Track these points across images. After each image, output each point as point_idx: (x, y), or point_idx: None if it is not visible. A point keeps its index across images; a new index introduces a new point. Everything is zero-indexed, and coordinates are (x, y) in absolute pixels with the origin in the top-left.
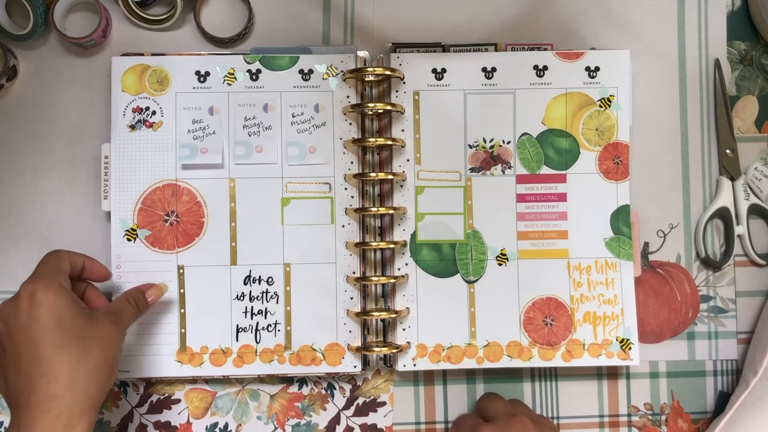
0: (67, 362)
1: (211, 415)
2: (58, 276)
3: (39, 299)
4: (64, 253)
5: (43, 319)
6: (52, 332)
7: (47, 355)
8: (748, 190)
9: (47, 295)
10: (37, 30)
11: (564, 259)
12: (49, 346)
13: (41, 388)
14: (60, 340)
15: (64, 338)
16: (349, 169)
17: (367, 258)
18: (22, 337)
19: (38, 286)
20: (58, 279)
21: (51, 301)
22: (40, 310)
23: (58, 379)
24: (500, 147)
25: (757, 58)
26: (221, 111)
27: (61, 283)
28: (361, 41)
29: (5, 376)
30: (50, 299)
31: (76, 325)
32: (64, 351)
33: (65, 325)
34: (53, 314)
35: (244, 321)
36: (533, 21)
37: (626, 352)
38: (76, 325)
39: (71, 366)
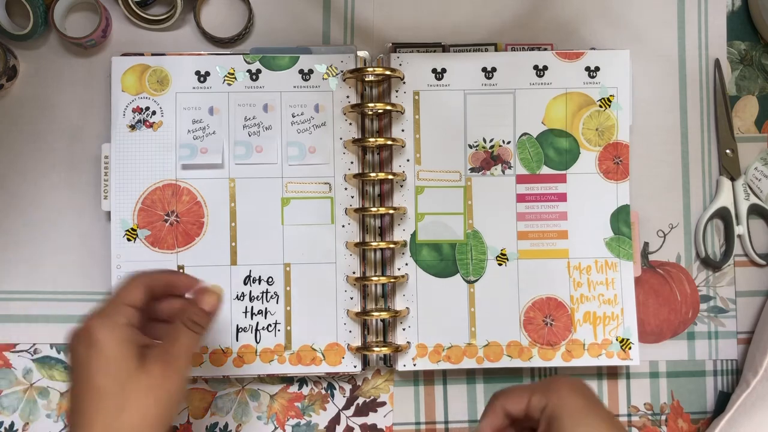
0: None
1: (211, 415)
2: (121, 311)
3: (92, 339)
4: (140, 278)
5: (91, 364)
6: (96, 378)
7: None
8: (748, 190)
9: (99, 337)
10: (37, 30)
11: (564, 259)
12: (90, 393)
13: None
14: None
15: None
16: (349, 169)
17: (367, 258)
18: (75, 376)
19: (95, 324)
20: (118, 316)
21: (102, 344)
22: (90, 351)
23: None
24: (500, 147)
25: (757, 58)
26: (221, 111)
27: (119, 321)
28: (361, 41)
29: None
30: (101, 342)
31: (122, 375)
32: (103, 403)
33: (111, 373)
34: (100, 360)
35: (244, 321)
36: (533, 21)
37: (626, 352)
38: (122, 374)
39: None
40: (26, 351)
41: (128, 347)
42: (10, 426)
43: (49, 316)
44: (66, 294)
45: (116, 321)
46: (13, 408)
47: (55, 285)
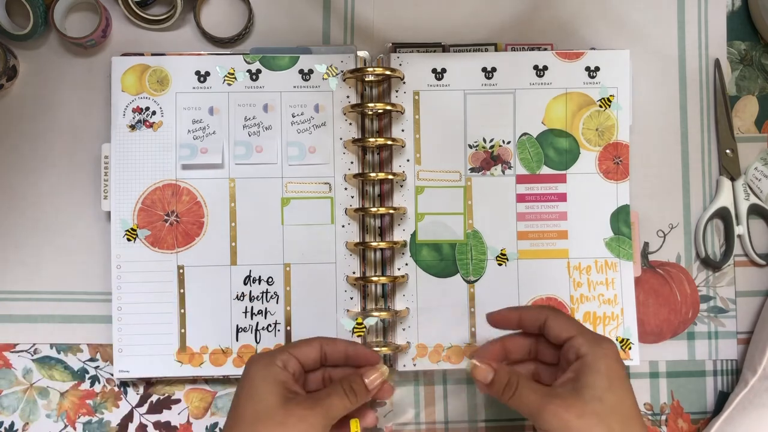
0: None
1: (211, 415)
2: (281, 356)
3: (247, 371)
4: (320, 341)
5: (241, 393)
6: (239, 404)
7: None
8: (748, 190)
9: (251, 370)
10: (37, 30)
11: (564, 259)
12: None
13: None
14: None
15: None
16: (349, 169)
17: (367, 258)
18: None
19: (254, 358)
20: (276, 359)
21: (251, 376)
22: (243, 381)
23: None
24: (500, 147)
25: (757, 58)
26: (221, 111)
27: (274, 362)
28: (361, 41)
29: None
30: (251, 375)
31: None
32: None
33: (252, 403)
34: (248, 390)
35: (244, 321)
36: (533, 21)
37: (626, 352)
38: (261, 406)
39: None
40: (26, 351)
41: (274, 386)
42: (10, 426)
43: (49, 316)
44: (66, 294)
45: (272, 362)
46: (13, 408)
47: (55, 285)
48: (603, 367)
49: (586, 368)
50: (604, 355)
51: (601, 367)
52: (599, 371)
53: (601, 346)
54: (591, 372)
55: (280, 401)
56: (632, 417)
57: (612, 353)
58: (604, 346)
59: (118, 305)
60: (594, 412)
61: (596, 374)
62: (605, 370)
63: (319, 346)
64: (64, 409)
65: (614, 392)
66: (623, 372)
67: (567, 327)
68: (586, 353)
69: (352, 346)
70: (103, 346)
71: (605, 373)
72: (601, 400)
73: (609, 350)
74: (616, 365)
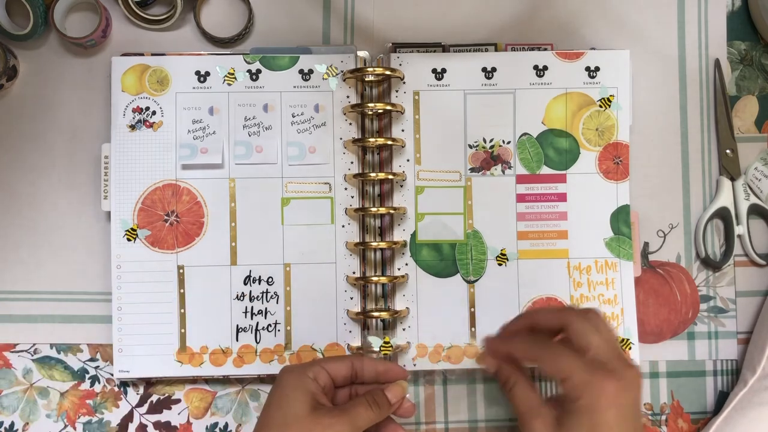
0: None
1: (211, 415)
2: (314, 369)
3: (280, 378)
4: (352, 359)
5: (272, 400)
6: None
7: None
8: (748, 190)
9: (284, 378)
10: (37, 30)
11: (564, 259)
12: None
13: None
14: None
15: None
16: (349, 169)
17: (367, 258)
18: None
19: (288, 367)
20: (308, 370)
21: (283, 384)
22: (276, 388)
23: None
24: (500, 147)
25: (757, 58)
26: (221, 111)
27: (306, 373)
28: (361, 41)
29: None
30: (283, 382)
31: (290, 414)
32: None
33: (281, 409)
34: (279, 396)
35: (244, 321)
36: (533, 21)
37: (626, 352)
38: (290, 413)
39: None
40: (26, 351)
41: (304, 395)
42: (10, 426)
43: (49, 316)
44: (66, 294)
45: (304, 373)
46: (13, 408)
47: (55, 285)
48: (588, 415)
49: (573, 412)
50: (593, 404)
51: (586, 415)
52: (582, 418)
53: (596, 390)
54: (575, 416)
55: (309, 410)
56: None
57: (607, 396)
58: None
59: (118, 305)
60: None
61: (579, 419)
62: (589, 418)
63: (350, 363)
64: (64, 409)
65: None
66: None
67: (559, 369)
68: (577, 398)
69: (383, 364)
70: (103, 346)
71: (589, 421)
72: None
73: (604, 394)
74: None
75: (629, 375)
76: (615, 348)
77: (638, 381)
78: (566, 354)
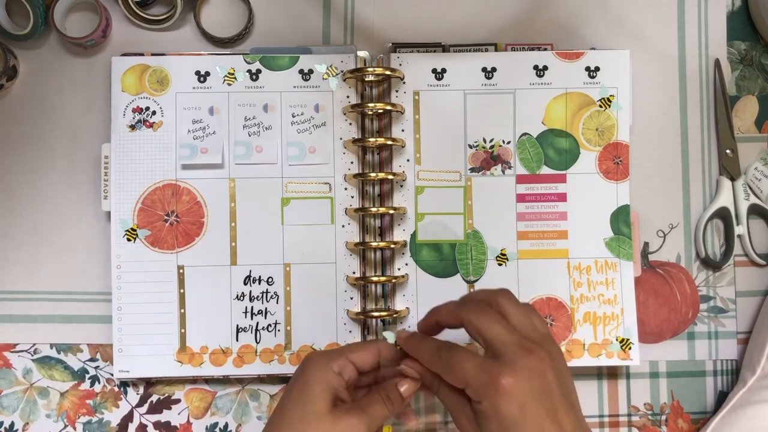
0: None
1: (211, 415)
2: (339, 361)
3: (303, 371)
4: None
5: (293, 392)
6: (289, 403)
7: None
8: (748, 190)
9: (308, 372)
10: (37, 30)
11: (564, 259)
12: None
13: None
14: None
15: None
16: (349, 169)
17: (367, 258)
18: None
19: (312, 359)
20: (334, 363)
21: (306, 378)
22: (297, 380)
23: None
24: (500, 147)
25: (757, 58)
26: (221, 111)
27: (331, 367)
28: (361, 41)
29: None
30: (306, 376)
31: (310, 411)
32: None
33: (302, 405)
34: (300, 390)
35: (244, 321)
36: (533, 21)
37: (626, 352)
38: (311, 410)
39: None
40: (26, 351)
41: (327, 391)
42: (10, 426)
43: (49, 316)
44: (66, 294)
45: (328, 365)
46: (13, 408)
47: (55, 285)
48: (493, 416)
49: (481, 415)
50: (493, 404)
51: (492, 416)
52: (489, 420)
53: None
54: (484, 418)
55: (329, 407)
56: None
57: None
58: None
59: (118, 305)
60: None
61: (488, 421)
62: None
63: (377, 351)
64: (64, 409)
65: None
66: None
67: (458, 379)
68: (479, 402)
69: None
70: (103, 346)
71: (495, 421)
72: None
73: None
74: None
75: (528, 363)
76: (517, 333)
77: (540, 366)
78: (461, 360)
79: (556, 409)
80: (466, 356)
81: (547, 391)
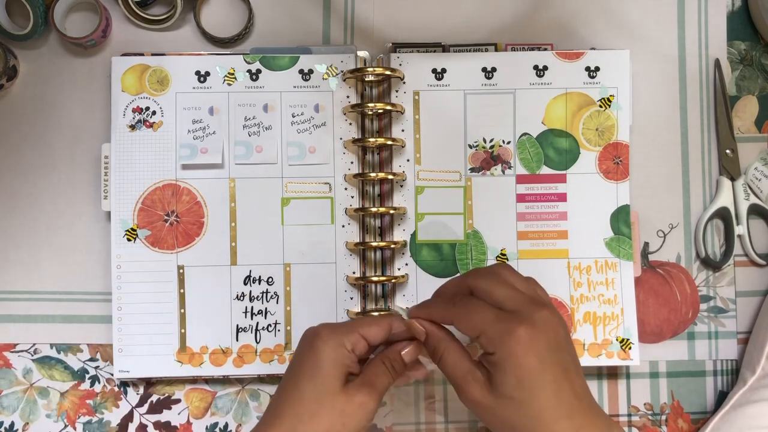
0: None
1: (211, 415)
2: (351, 337)
3: (314, 347)
4: (390, 321)
5: (304, 369)
6: (302, 381)
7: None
8: (748, 190)
9: (321, 348)
10: (37, 30)
11: (564, 259)
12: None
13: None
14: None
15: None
16: (349, 169)
17: (367, 258)
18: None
19: (323, 335)
20: (346, 340)
21: (319, 355)
22: (309, 356)
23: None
24: (500, 147)
25: (757, 58)
26: (221, 111)
27: (344, 344)
28: (361, 41)
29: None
30: (320, 354)
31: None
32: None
33: (316, 383)
34: (313, 368)
35: (244, 321)
36: (533, 21)
37: (626, 352)
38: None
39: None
40: (26, 351)
41: (340, 369)
42: (10, 426)
43: (49, 316)
44: (66, 294)
45: (341, 342)
46: (13, 408)
47: (55, 285)
48: (509, 367)
49: (495, 366)
50: (510, 353)
51: (507, 367)
52: (505, 371)
53: (509, 342)
54: (498, 370)
55: (342, 385)
56: (544, 409)
57: (524, 345)
58: (513, 339)
59: (118, 305)
60: (504, 408)
61: (503, 373)
62: (512, 369)
63: (389, 327)
64: (64, 409)
65: (524, 389)
66: (536, 363)
67: (473, 326)
68: (493, 351)
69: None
70: (103, 346)
71: (512, 372)
72: (512, 398)
73: (520, 344)
74: (527, 359)
75: (541, 317)
76: (526, 294)
77: (552, 320)
78: (478, 309)
79: (569, 367)
80: (482, 305)
81: (560, 347)
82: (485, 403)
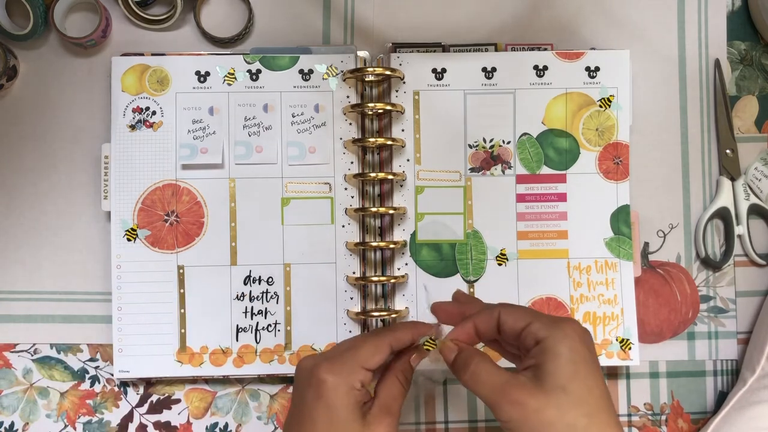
0: None
1: (211, 415)
2: (358, 374)
3: (324, 394)
4: (387, 339)
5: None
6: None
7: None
8: (748, 190)
9: (332, 395)
10: (37, 30)
11: (564, 259)
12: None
13: None
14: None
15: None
16: (349, 169)
17: (367, 258)
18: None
19: (329, 380)
20: (354, 380)
21: (332, 402)
22: (320, 403)
23: None
24: (500, 147)
25: (757, 58)
26: (221, 111)
27: (354, 385)
28: (361, 41)
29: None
30: (333, 401)
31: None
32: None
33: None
34: (329, 415)
35: (244, 321)
36: (533, 21)
37: (626, 352)
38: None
39: None
40: (26, 351)
41: (356, 409)
42: (10, 426)
43: (49, 316)
44: (66, 294)
45: (351, 385)
46: (13, 408)
47: (55, 285)
48: (565, 351)
49: (547, 353)
50: (565, 336)
51: (563, 350)
52: (561, 355)
53: (561, 327)
54: (552, 357)
55: (362, 421)
56: (601, 409)
57: (575, 334)
58: (564, 327)
59: (118, 305)
60: (557, 404)
61: (558, 359)
62: (568, 353)
63: (389, 349)
64: (64, 409)
65: (580, 380)
66: (591, 355)
67: (521, 316)
68: (545, 336)
69: (415, 329)
70: (103, 346)
71: (569, 358)
72: (565, 390)
73: (571, 331)
74: (581, 347)
75: (575, 326)
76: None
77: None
78: (522, 307)
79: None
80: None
81: (594, 350)
82: (532, 404)
